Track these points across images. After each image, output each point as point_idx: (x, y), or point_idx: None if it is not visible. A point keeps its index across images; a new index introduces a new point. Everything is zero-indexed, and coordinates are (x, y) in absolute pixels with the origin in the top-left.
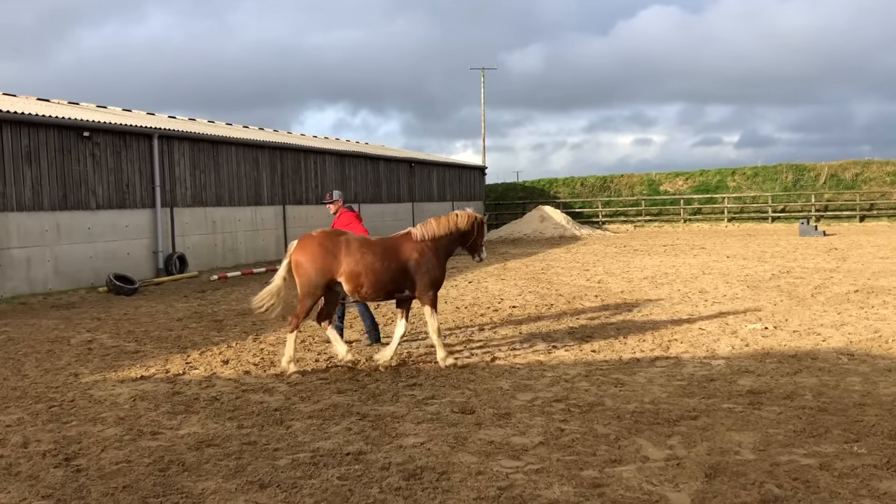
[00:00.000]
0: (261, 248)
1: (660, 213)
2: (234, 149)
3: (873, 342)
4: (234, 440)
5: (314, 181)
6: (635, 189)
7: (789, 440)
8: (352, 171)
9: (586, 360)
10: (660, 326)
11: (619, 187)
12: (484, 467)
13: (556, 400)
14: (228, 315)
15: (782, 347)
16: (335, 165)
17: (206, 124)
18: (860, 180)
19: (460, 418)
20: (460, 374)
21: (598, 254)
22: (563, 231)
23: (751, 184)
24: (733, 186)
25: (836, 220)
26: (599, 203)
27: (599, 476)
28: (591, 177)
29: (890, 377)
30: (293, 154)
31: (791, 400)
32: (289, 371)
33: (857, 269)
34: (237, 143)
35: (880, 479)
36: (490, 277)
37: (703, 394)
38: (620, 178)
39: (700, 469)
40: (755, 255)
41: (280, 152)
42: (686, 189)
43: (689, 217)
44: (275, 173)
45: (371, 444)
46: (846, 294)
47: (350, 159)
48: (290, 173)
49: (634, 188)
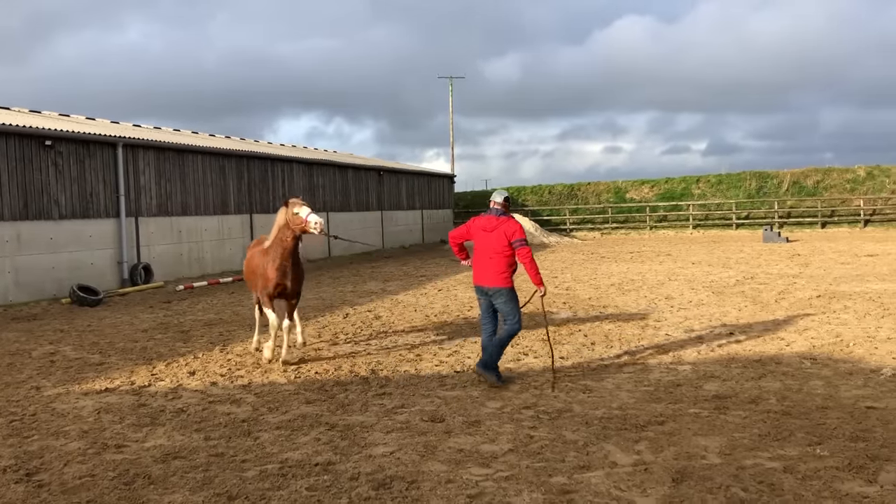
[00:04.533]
0: (227, 257)
1: (626, 220)
2: (201, 157)
3: (835, 346)
4: (200, 452)
5: (282, 190)
6: (602, 197)
7: (754, 444)
8: (320, 179)
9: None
10: (627, 333)
11: (587, 195)
12: (454, 475)
13: (526, 407)
14: (195, 325)
15: (747, 352)
16: (303, 174)
17: (171, 133)
18: (821, 187)
19: (430, 427)
20: (430, 383)
21: (566, 261)
22: (531, 239)
23: (715, 191)
24: (698, 194)
25: (799, 226)
26: (567, 211)
27: (568, 482)
28: (559, 185)
29: (851, 381)
30: (260, 162)
31: (756, 404)
32: (258, 348)
33: (819, 274)
34: (203, 151)
35: (842, 480)
36: (459, 285)
37: (669, 399)
38: (588, 186)
39: (667, 474)
40: (720, 262)
41: (247, 161)
42: (652, 196)
43: (654, 224)
44: (242, 182)
45: (340, 454)
46: (809, 299)
47: (318, 168)
48: (258, 182)
49: (601, 196)
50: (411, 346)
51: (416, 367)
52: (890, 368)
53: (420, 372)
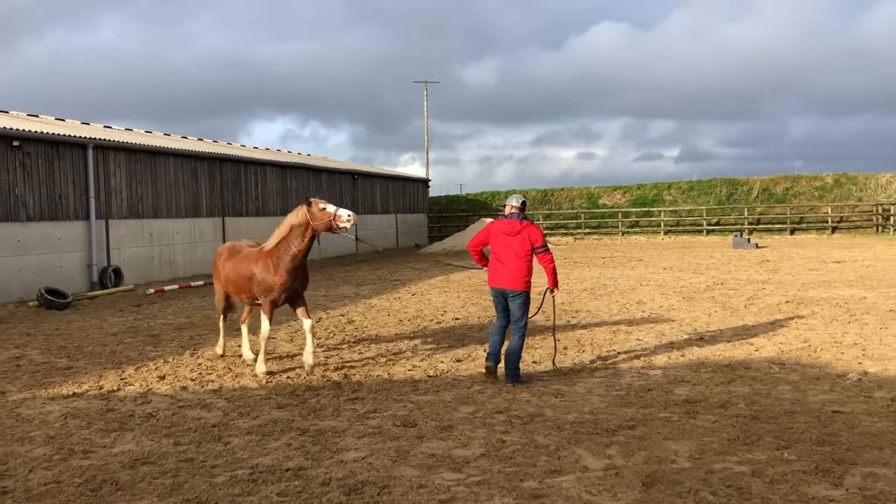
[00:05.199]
0: (199, 260)
1: (599, 225)
2: (173, 159)
3: (803, 351)
4: (170, 457)
5: (254, 192)
6: (575, 202)
7: (723, 448)
8: (293, 182)
9: (528, 372)
10: (599, 337)
11: (560, 200)
12: (425, 480)
13: (498, 411)
14: (165, 329)
15: (717, 357)
16: (276, 177)
17: (143, 134)
18: (790, 194)
19: (402, 432)
20: (402, 388)
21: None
22: None
23: (686, 197)
24: (669, 200)
25: (768, 232)
26: (541, 216)
27: (540, 487)
28: (533, 190)
29: (818, 385)
30: (233, 165)
31: (725, 409)
32: (217, 352)
33: (788, 280)
34: (175, 153)
35: (809, 484)
36: (433, 290)
37: (640, 403)
38: (561, 192)
39: (637, 478)
40: (690, 267)
41: (220, 163)
42: (624, 202)
43: (626, 230)
44: (214, 185)
45: (311, 459)
46: (777, 305)
47: (292, 171)
48: (230, 185)
49: (574, 201)
50: (384, 351)
51: (389, 371)
52: (856, 373)
53: (393, 376)
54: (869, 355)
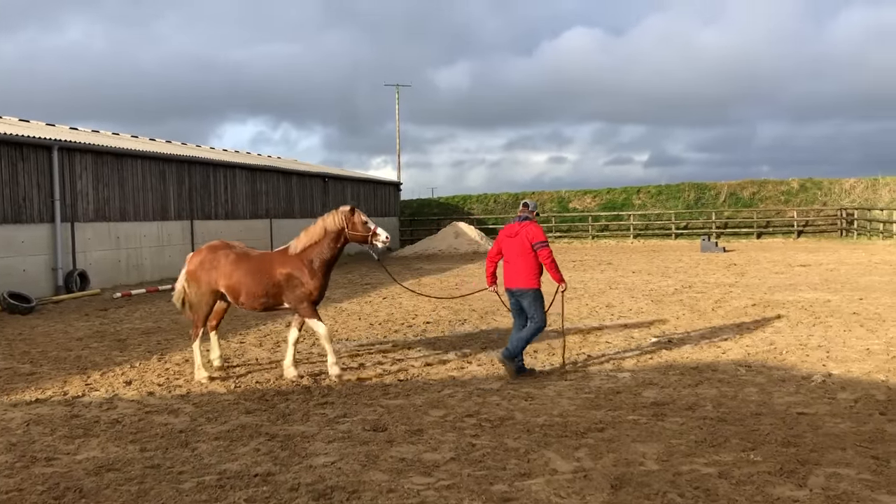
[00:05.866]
0: (167, 264)
1: (569, 229)
2: (140, 162)
3: (769, 354)
4: (136, 464)
5: (224, 196)
6: (546, 206)
7: (691, 450)
8: (263, 185)
9: (498, 375)
10: (568, 340)
11: None
12: (395, 485)
13: (468, 415)
14: (132, 334)
15: (684, 360)
16: (246, 180)
17: (110, 136)
18: (757, 199)
19: (372, 436)
20: (373, 392)
21: None
22: (477, 247)
23: (655, 202)
24: (639, 204)
25: (735, 236)
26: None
27: (509, 490)
28: (505, 193)
29: (784, 387)
30: (202, 168)
31: (692, 411)
32: (200, 377)
33: (755, 283)
34: (143, 156)
35: (774, 485)
36: (404, 294)
37: (609, 406)
38: (532, 195)
39: (606, 480)
40: (659, 271)
41: (188, 166)
42: (594, 206)
43: (596, 234)
44: (182, 187)
45: (280, 464)
46: (744, 308)
47: (262, 174)
48: (199, 187)
49: (545, 205)
50: (354, 355)
51: (359, 375)
52: (820, 375)
53: (363, 381)
54: (833, 357)
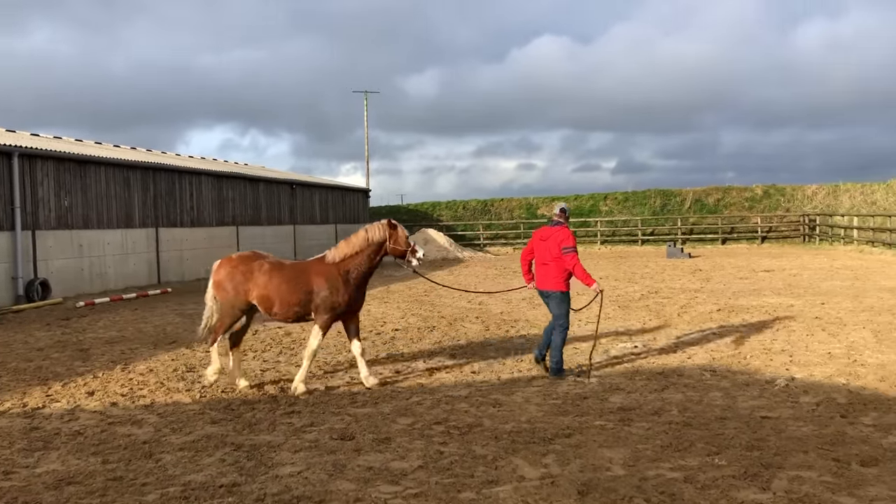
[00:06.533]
0: (132, 272)
1: None
2: (104, 169)
3: (733, 358)
4: (97, 476)
5: (189, 203)
6: (514, 213)
7: (657, 455)
8: (230, 192)
9: (467, 382)
10: (536, 346)
11: (500, 211)
12: (362, 494)
13: (437, 422)
14: (95, 343)
15: (651, 365)
16: (212, 187)
17: (72, 143)
18: (722, 205)
19: (339, 445)
20: (340, 400)
21: (480, 276)
22: (446, 253)
23: (622, 208)
24: (605, 210)
25: (701, 242)
26: (481, 226)
27: (477, 498)
28: (474, 200)
29: (748, 391)
30: (167, 174)
31: (659, 416)
32: (210, 380)
33: (720, 289)
34: (107, 162)
35: (738, 488)
36: (373, 300)
37: (576, 412)
38: (501, 202)
39: (573, 486)
40: (626, 276)
41: (153, 172)
42: None
43: None
44: (147, 194)
45: (246, 475)
46: (709, 313)
47: (228, 180)
48: (164, 195)
49: (514, 212)
50: (322, 363)
51: (327, 384)
52: (783, 379)
53: (331, 389)
54: (796, 361)
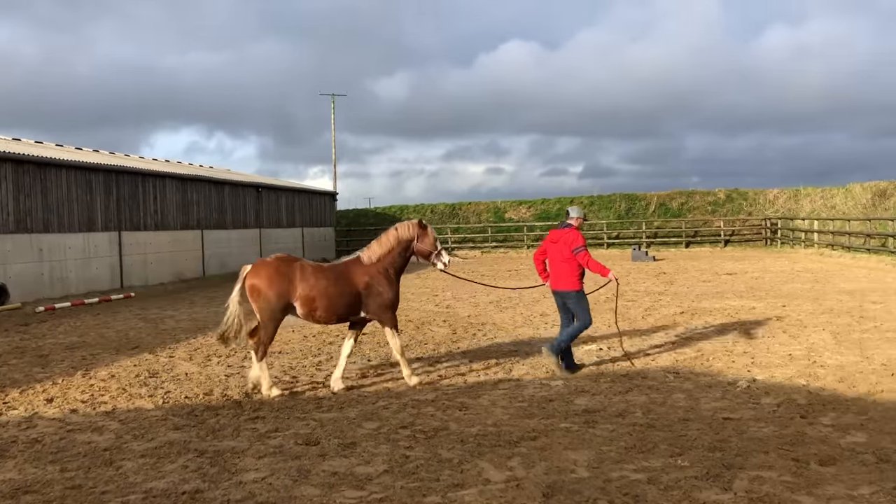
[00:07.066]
0: (94, 276)
1: (505, 239)
2: (65, 171)
3: (696, 360)
4: (55, 485)
5: (153, 206)
6: (482, 216)
7: (621, 456)
8: (195, 195)
9: (433, 385)
10: (503, 349)
11: (468, 214)
12: (327, 499)
13: (403, 427)
14: (55, 349)
15: (615, 367)
16: (177, 190)
17: (32, 145)
18: (685, 209)
19: (304, 450)
20: (306, 405)
21: (447, 279)
22: None
23: (588, 212)
24: None
25: (665, 246)
26: (449, 230)
27: (442, 501)
28: (441, 204)
29: (710, 393)
30: (130, 177)
31: (623, 417)
32: (272, 395)
33: (683, 291)
34: (68, 165)
35: (700, 489)
36: None
37: (542, 414)
38: (469, 206)
39: (538, 489)
40: (591, 279)
41: (116, 175)
42: (529, 217)
43: (531, 243)
44: (110, 198)
45: (209, 481)
46: (673, 315)
47: (193, 183)
48: (127, 198)
49: (482, 215)
50: (287, 368)
51: (292, 388)
52: (745, 381)
53: (296, 394)
54: (757, 363)
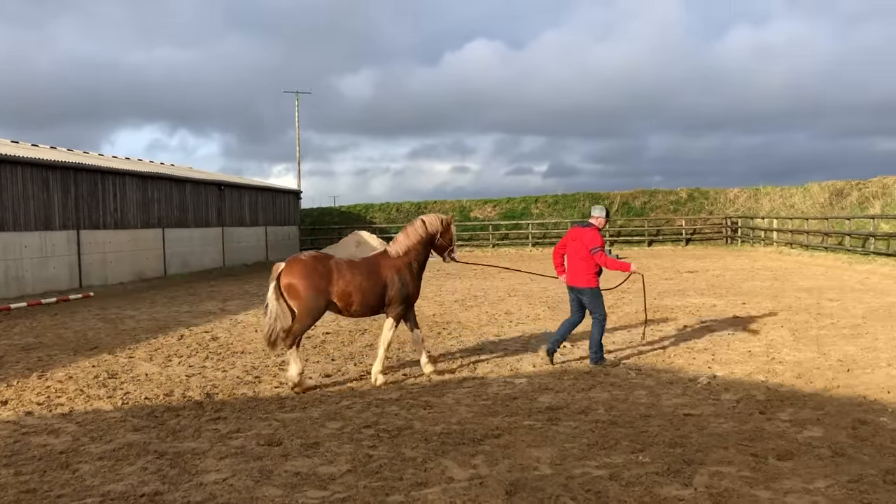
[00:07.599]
0: (51, 276)
1: (470, 237)
2: (21, 168)
3: (658, 357)
4: (9, 489)
5: (113, 204)
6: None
7: (583, 453)
8: (156, 193)
9: (398, 384)
10: (469, 347)
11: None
12: (289, 500)
13: (366, 426)
14: (10, 350)
15: (578, 365)
16: (137, 188)
17: None
18: (648, 208)
19: (266, 451)
20: (268, 405)
21: None
22: None
23: (552, 211)
24: (537, 213)
25: (628, 244)
26: None
27: (405, 500)
28: (407, 202)
29: (671, 389)
30: (89, 175)
31: (585, 414)
32: (305, 385)
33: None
34: (24, 162)
35: (661, 485)
36: None
37: (506, 412)
38: (434, 205)
39: (501, 487)
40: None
41: (74, 173)
42: (494, 215)
43: (497, 242)
44: (68, 196)
45: (169, 483)
46: (636, 313)
47: (154, 181)
48: (86, 196)
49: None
50: (250, 368)
51: (255, 389)
52: (705, 377)
53: (258, 394)
54: (718, 360)
